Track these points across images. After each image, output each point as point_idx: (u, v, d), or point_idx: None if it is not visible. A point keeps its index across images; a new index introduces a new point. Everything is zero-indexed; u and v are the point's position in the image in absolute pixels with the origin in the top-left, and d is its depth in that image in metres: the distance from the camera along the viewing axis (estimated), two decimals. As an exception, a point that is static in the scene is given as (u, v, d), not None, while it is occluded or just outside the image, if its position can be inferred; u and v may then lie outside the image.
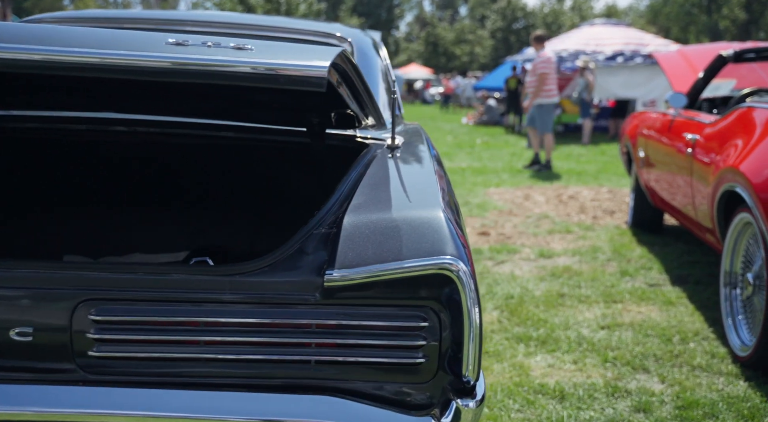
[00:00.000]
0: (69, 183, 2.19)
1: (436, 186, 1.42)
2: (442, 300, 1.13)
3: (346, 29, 2.71)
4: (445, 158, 10.51)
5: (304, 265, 1.16)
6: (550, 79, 8.75)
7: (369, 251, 1.15)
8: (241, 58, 1.09)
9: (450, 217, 1.24)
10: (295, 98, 1.63)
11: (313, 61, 1.08)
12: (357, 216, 1.23)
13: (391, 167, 1.57)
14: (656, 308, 3.66)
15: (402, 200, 1.30)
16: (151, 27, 2.53)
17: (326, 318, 1.15)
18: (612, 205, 6.63)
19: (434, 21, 58.21)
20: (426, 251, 1.14)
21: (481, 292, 3.85)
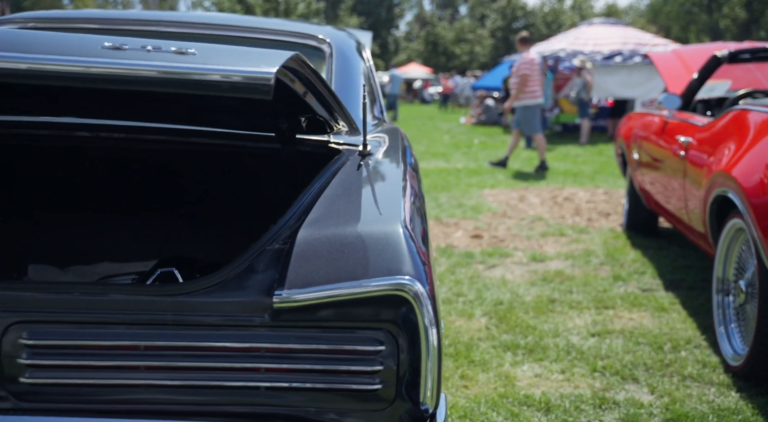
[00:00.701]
0: (33, 190, 2.11)
1: (400, 198, 1.34)
2: (399, 323, 1.05)
3: (327, 30, 2.63)
4: (441, 158, 10.44)
5: (253, 284, 1.09)
6: (531, 81, 8.75)
7: (322, 270, 1.08)
8: (181, 63, 1.02)
9: (411, 233, 1.16)
10: (257, 103, 1.56)
11: (259, 66, 1.01)
12: (312, 231, 1.16)
13: (358, 176, 1.49)
14: (648, 314, 3.59)
15: (362, 213, 1.22)
16: (129, 28, 2.46)
17: (276, 342, 1.07)
18: (607, 207, 6.56)
19: (434, 20, 58.14)
20: (382, 271, 1.06)
21: (470, 297, 3.79)
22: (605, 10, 56.47)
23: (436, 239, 5.19)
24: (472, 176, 8.52)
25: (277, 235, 1.17)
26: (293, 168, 1.93)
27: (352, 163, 1.60)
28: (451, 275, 4.21)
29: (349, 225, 1.17)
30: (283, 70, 1.22)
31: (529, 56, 8.95)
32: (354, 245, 1.10)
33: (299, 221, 1.20)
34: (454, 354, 2.99)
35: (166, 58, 1.03)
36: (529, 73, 8.73)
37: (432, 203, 6.62)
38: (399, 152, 1.95)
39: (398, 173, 1.63)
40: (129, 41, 1.07)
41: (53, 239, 2.17)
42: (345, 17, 50.80)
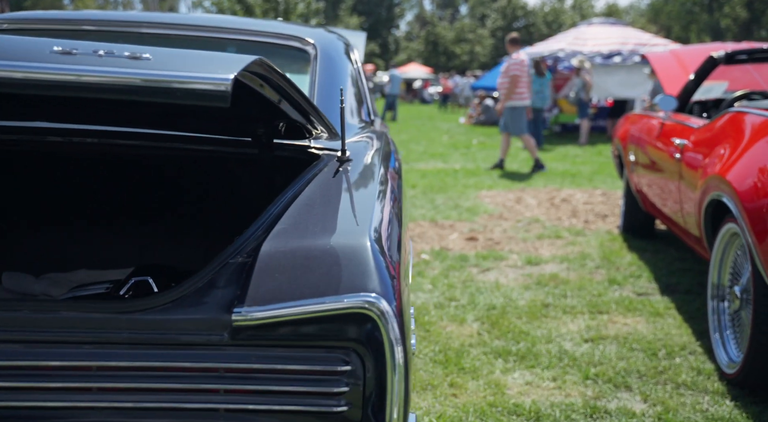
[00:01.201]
0: (8, 196, 2.06)
1: (373, 208, 1.28)
2: (364, 342, 1.00)
3: (313, 32, 2.58)
4: (439, 158, 10.38)
5: (213, 301, 1.03)
6: (521, 82, 8.74)
7: (284, 286, 1.02)
8: (133, 69, 0.96)
9: (381, 246, 1.10)
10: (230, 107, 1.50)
11: (216, 72, 0.95)
12: (277, 244, 1.10)
13: (332, 184, 1.44)
14: (643, 319, 3.53)
15: (331, 225, 1.17)
16: (110, 29, 2.41)
17: (236, 361, 1.01)
18: (605, 208, 6.50)
19: (434, 20, 58.07)
20: (346, 287, 1.01)
21: (463, 302, 3.73)
22: (606, 10, 56.38)
23: (430, 242, 5.14)
24: (470, 177, 8.46)
25: (242, 247, 1.12)
26: (272, 173, 1.88)
27: (329, 169, 1.55)
28: (445, 279, 4.16)
29: (316, 238, 1.11)
30: (248, 75, 1.17)
31: (519, 57, 8.93)
32: (319, 260, 1.05)
33: (267, 233, 1.15)
34: (444, 360, 2.94)
35: (118, 64, 0.98)
36: (519, 75, 8.74)
37: (428, 205, 6.57)
38: (380, 157, 1.90)
39: (376, 180, 1.58)
40: (80, 45, 1.02)
41: (30, 245, 2.12)
42: (345, 17, 50.73)
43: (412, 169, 9.15)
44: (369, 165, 1.70)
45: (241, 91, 1.26)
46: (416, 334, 3.25)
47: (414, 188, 7.56)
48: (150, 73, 0.95)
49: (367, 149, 1.93)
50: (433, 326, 3.36)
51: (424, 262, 4.56)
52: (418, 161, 10.08)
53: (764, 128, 2.67)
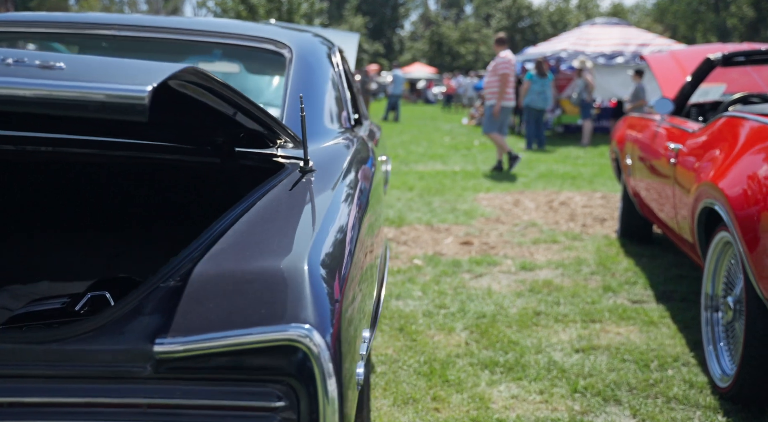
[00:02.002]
0: None
1: (325, 225, 1.20)
2: (296, 376, 0.92)
3: (291, 35, 2.49)
4: (438, 160, 10.29)
5: (137, 329, 0.95)
6: (510, 81, 8.72)
7: (213, 314, 0.94)
8: (42, 79, 0.88)
9: (321, 269, 1.02)
10: (184, 115, 1.43)
11: (133, 83, 0.87)
12: (211, 266, 1.02)
13: (288, 197, 1.36)
14: (636, 328, 3.44)
15: (272, 245, 1.09)
16: (82, 32, 2.34)
17: (159, 396, 0.93)
18: (604, 212, 6.40)
19: (439, 20, 57.96)
20: (276, 317, 0.93)
21: (452, 310, 3.65)
22: (611, 10, 56.13)
23: (424, 246, 5.06)
24: (469, 179, 8.37)
25: (175, 270, 1.04)
26: (236, 183, 1.80)
27: (288, 181, 1.47)
28: (436, 286, 4.08)
29: (252, 260, 1.03)
30: (183, 84, 1.09)
31: (507, 56, 8.87)
32: (251, 285, 0.97)
33: (204, 253, 1.07)
34: (428, 372, 2.86)
35: (27, 74, 0.90)
36: (508, 73, 8.69)
37: (424, 208, 6.48)
38: (351, 165, 1.81)
39: (338, 191, 1.49)
40: None
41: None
42: (350, 17, 50.69)
43: (411, 170, 9.08)
44: (333, 175, 1.62)
45: (181, 100, 1.19)
46: (403, 344, 3.17)
47: (411, 190, 7.48)
48: (59, 84, 0.87)
49: (337, 157, 1.85)
50: (420, 335, 3.28)
51: (416, 267, 4.48)
52: (417, 163, 9.99)
53: (758, 134, 2.58)
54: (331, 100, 2.37)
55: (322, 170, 1.68)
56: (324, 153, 1.89)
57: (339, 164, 1.76)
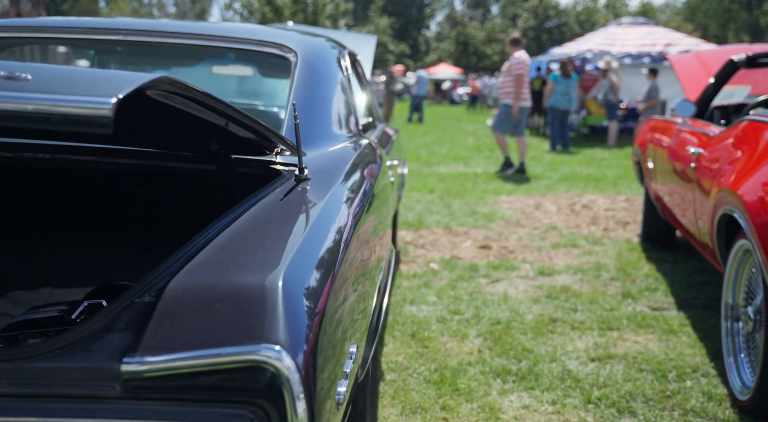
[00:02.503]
0: None
1: (311, 238, 1.16)
2: (266, 397, 0.89)
3: (298, 39, 2.47)
4: (461, 162, 10.21)
5: (107, 347, 0.93)
6: (525, 82, 8.69)
7: (183, 332, 0.91)
8: (5, 91, 0.86)
9: (297, 285, 0.99)
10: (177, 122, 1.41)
11: (99, 94, 0.84)
12: (187, 281, 1.00)
13: (278, 207, 1.33)
14: (655, 337, 3.35)
15: (252, 259, 1.05)
16: (91, 37, 2.34)
17: (129, 417, 0.91)
18: (627, 215, 6.29)
19: (464, 20, 57.72)
20: (247, 336, 0.89)
21: (467, 316, 3.60)
22: (640, 9, 55.38)
23: (442, 250, 5.01)
24: (490, 182, 8.29)
25: (152, 284, 1.02)
26: (233, 190, 1.78)
27: (279, 191, 1.44)
28: (451, 291, 4.03)
29: (230, 274, 1.00)
30: (164, 93, 1.07)
31: (521, 57, 8.81)
32: (224, 302, 0.94)
33: (184, 266, 1.05)
34: (438, 380, 2.81)
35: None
36: (523, 73, 8.65)
37: (444, 211, 6.43)
38: (351, 172, 1.78)
39: (333, 201, 1.46)
40: None
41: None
42: (375, 18, 50.72)
43: (432, 172, 9.02)
44: (329, 183, 1.59)
45: (166, 109, 1.16)
46: (415, 350, 3.13)
47: (432, 192, 7.43)
48: (22, 96, 0.85)
49: (337, 164, 1.82)
50: (432, 342, 3.23)
51: (432, 272, 4.43)
52: (439, 165, 9.94)
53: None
54: (337, 105, 2.34)
55: (319, 177, 1.65)
56: (324, 159, 1.86)
57: (337, 171, 1.73)
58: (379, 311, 1.89)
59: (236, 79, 3.30)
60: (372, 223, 1.78)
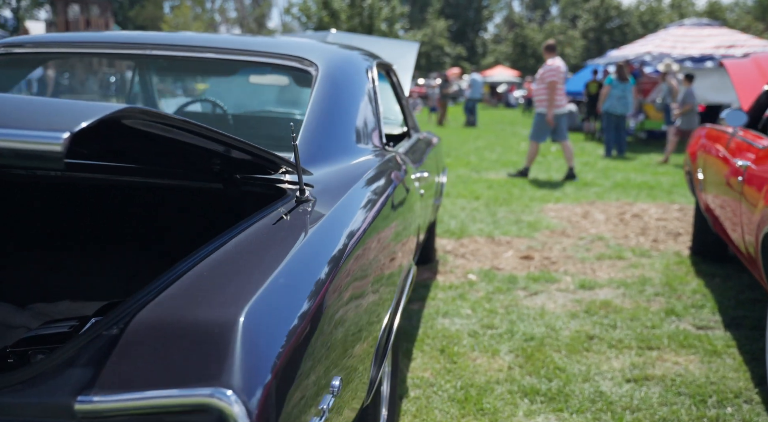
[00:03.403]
0: None
1: (284, 268, 1.12)
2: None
3: (322, 51, 2.45)
4: (511, 167, 10.05)
5: (66, 383, 0.91)
6: (559, 89, 8.59)
7: (142, 369, 0.89)
8: None
9: (262, 322, 0.95)
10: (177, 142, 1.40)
11: (50, 129, 0.83)
12: (153, 315, 0.98)
13: (267, 233, 1.30)
14: (697, 358, 3.20)
15: (221, 292, 1.02)
16: (116, 52, 2.38)
17: None
18: (679, 226, 6.06)
19: (523, 22, 56.99)
20: (200, 378, 0.86)
21: (500, 330, 3.51)
22: (707, 8, 53.58)
23: (482, 260, 4.92)
24: (539, 189, 8.13)
25: (122, 315, 1.00)
26: (242, 207, 1.77)
27: (275, 214, 1.41)
28: (487, 304, 3.94)
29: (197, 308, 0.98)
30: (138, 121, 1.06)
31: (555, 64, 8.69)
32: (186, 339, 0.92)
33: (156, 297, 1.03)
34: (463, 399, 2.75)
35: None
36: (556, 81, 8.56)
37: (488, 219, 6.33)
38: (359, 191, 1.74)
39: (326, 225, 1.42)
40: None
41: (19, 274, 2.10)
42: (432, 20, 50.60)
43: (480, 178, 8.91)
44: (331, 203, 1.55)
45: (149, 135, 1.15)
46: (442, 366, 3.07)
47: (477, 199, 7.33)
48: None
49: (346, 182, 1.78)
50: (461, 357, 3.16)
51: (469, 283, 4.35)
52: (488, 170, 9.80)
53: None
54: (358, 119, 2.31)
55: (324, 196, 1.62)
56: (334, 177, 1.83)
57: (344, 190, 1.70)
58: (389, 332, 1.85)
59: (257, 92, 3.31)
60: (380, 242, 1.74)
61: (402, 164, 2.54)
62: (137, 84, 3.32)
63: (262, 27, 60.08)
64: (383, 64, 3.31)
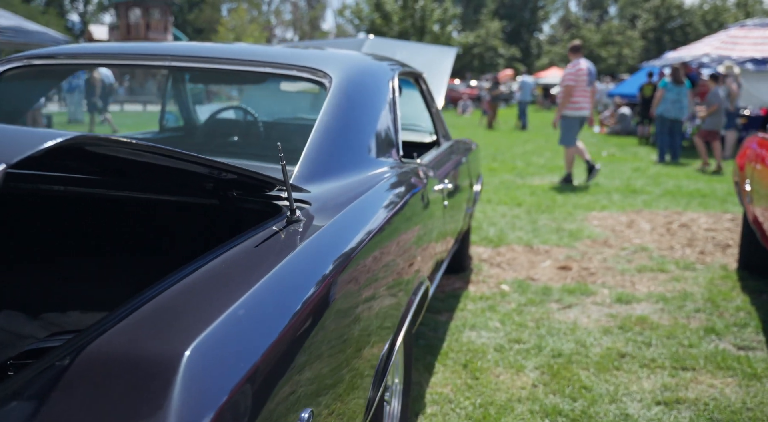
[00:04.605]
0: (13, 235, 2.09)
1: (253, 295, 1.09)
2: None
3: (339, 62, 2.42)
4: (557, 172, 9.84)
5: (7, 418, 0.90)
6: (576, 92, 8.35)
7: (81, 407, 0.87)
8: None
9: (209, 359, 0.92)
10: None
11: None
12: (102, 348, 0.95)
13: (244, 258, 1.26)
14: (735, 381, 3.04)
15: (174, 326, 0.99)
16: (132, 63, 2.40)
17: None
18: (729, 237, 5.81)
19: (579, 22, 55.94)
20: (138, 418, 0.84)
21: (527, 345, 3.42)
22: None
23: (518, 270, 4.81)
24: (584, 195, 7.93)
25: (75, 347, 0.98)
26: (239, 223, 1.76)
27: (261, 236, 1.38)
28: (517, 316, 3.85)
29: (146, 342, 0.95)
30: (98, 146, 1.04)
31: (576, 66, 8.48)
32: (128, 375, 0.89)
33: (114, 326, 1.01)
34: (481, 418, 2.68)
35: None
36: (573, 85, 8.36)
37: (528, 227, 6.20)
38: (357, 211, 1.70)
39: (311, 246, 1.38)
40: None
41: (32, 283, 2.13)
42: (486, 21, 50.18)
43: (524, 184, 8.76)
44: (323, 223, 1.52)
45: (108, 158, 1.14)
46: (463, 381, 3.00)
47: (519, 206, 7.20)
48: None
49: (348, 199, 1.75)
50: (484, 373, 3.09)
51: (501, 294, 4.26)
52: (533, 176, 9.63)
53: None
54: (371, 131, 2.27)
55: (320, 214, 1.59)
56: (337, 192, 1.80)
57: (343, 206, 1.66)
58: (389, 353, 1.80)
59: (284, 100, 3.31)
60: (379, 260, 1.70)
61: (421, 176, 2.49)
62: (171, 91, 3.37)
63: (316, 29, 60.65)
64: (411, 73, 3.26)
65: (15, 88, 2.51)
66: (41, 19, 45.69)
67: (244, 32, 45.26)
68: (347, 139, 2.10)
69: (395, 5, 30.14)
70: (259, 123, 3.15)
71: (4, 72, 2.40)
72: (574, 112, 8.47)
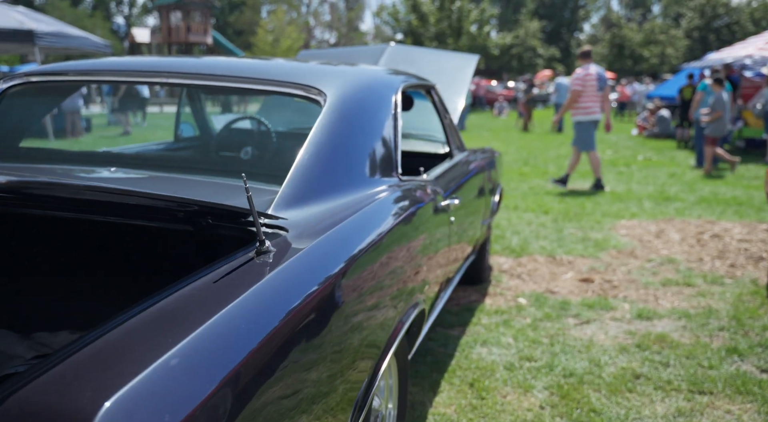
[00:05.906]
0: (8, 255, 2.11)
1: (176, 350, 1.02)
2: None
3: (335, 78, 2.38)
4: (588, 178, 9.65)
5: None
6: (584, 97, 8.32)
7: None
8: None
9: (131, 414, 0.89)
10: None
11: None
12: (27, 399, 0.91)
13: (196, 297, 1.22)
14: (754, 407, 2.92)
15: (103, 375, 0.96)
16: (127, 80, 2.41)
17: None
18: (763, 249, 5.60)
19: (621, 22, 54.96)
20: None
21: (538, 364, 3.33)
22: (827, 4, 49.87)
23: (538, 282, 4.72)
24: (614, 203, 7.75)
25: (8, 390, 0.96)
26: (216, 249, 1.73)
27: (226, 268, 1.35)
28: (531, 332, 3.76)
29: (70, 393, 0.93)
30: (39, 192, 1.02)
31: (583, 71, 8.42)
32: None
33: (46, 372, 0.99)
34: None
35: None
36: (580, 90, 8.32)
37: (553, 236, 6.08)
38: (334, 240, 1.66)
39: (275, 280, 1.35)
40: None
41: (26, 303, 2.15)
42: (525, 21, 49.67)
43: (553, 190, 8.61)
44: (297, 253, 1.48)
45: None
46: (468, 402, 2.94)
47: (546, 214, 7.07)
48: None
49: (330, 225, 1.70)
50: (490, 393, 3.02)
51: (517, 307, 4.17)
52: (565, 181, 9.44)
53: None
54: (362, 152, 2.23)
55: (296, 242, 1.55)
56: (319, 217, 1.75)
57: (321, 233, 1.62)
58: (371, 380, 1.76)
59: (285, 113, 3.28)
60: (360, 286, 1.65)
61: (419, 193, 2.44)
62: (184, 103, 3.39)
63: (354, 30, 60.85)
64: (422, 85, 3.21)
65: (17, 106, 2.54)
66: (88, 23, 46.83)
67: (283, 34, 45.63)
68: (338, 158, 2.06)
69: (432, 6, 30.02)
70: (272, 134, 3.14)
71: (6, 89, 2.43)
72: (586, 117, 8.43)
